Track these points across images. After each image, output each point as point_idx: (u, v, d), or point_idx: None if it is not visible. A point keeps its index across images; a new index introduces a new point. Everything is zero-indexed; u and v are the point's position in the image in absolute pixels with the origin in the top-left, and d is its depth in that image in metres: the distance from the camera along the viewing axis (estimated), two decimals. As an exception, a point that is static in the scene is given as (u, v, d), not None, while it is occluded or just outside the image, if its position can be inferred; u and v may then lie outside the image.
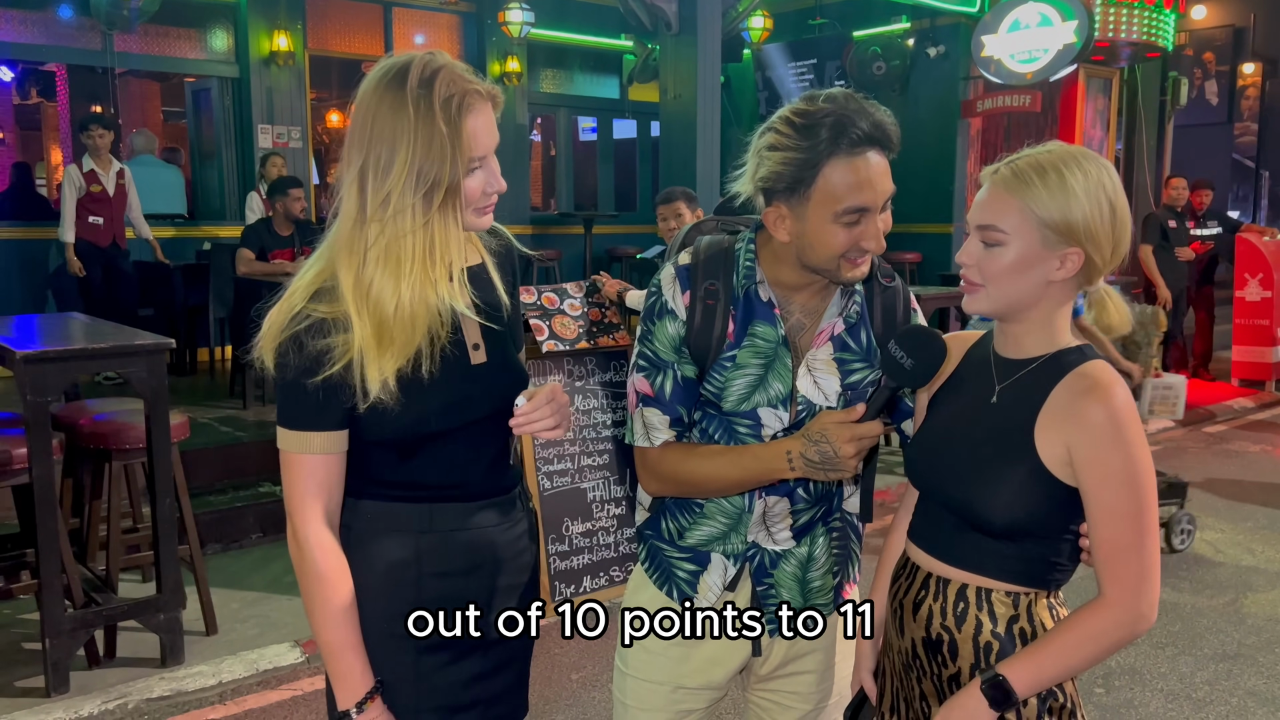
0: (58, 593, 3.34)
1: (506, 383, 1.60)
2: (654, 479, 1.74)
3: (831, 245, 1.59)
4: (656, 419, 1.71)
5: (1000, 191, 1.48)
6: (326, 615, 1.50)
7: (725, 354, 1.69)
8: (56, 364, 3.27)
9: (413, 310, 1.46)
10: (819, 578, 1.80)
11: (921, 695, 1.61)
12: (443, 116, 1.42)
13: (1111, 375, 1.48)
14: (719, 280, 1.70)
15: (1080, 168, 1.47)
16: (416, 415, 1.50)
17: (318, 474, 1.50)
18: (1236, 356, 9.13)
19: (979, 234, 1.49)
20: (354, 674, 1.51)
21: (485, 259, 1.62)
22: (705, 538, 1.77)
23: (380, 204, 1.43)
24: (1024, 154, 1.50)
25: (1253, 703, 3.51)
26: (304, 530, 1.49)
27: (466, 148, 1.44)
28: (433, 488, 1.57)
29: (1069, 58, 8.42)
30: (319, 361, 1.45)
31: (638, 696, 1.85)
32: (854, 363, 1.72)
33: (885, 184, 1.59)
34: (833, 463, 1.54)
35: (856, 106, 1.57)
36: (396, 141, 1.42)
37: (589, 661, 3.76)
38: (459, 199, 1.46)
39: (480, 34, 10.10)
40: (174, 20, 8.42)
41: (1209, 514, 5.60)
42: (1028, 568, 1.52)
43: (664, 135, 7.70)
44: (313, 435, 1.49)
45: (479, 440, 1.59)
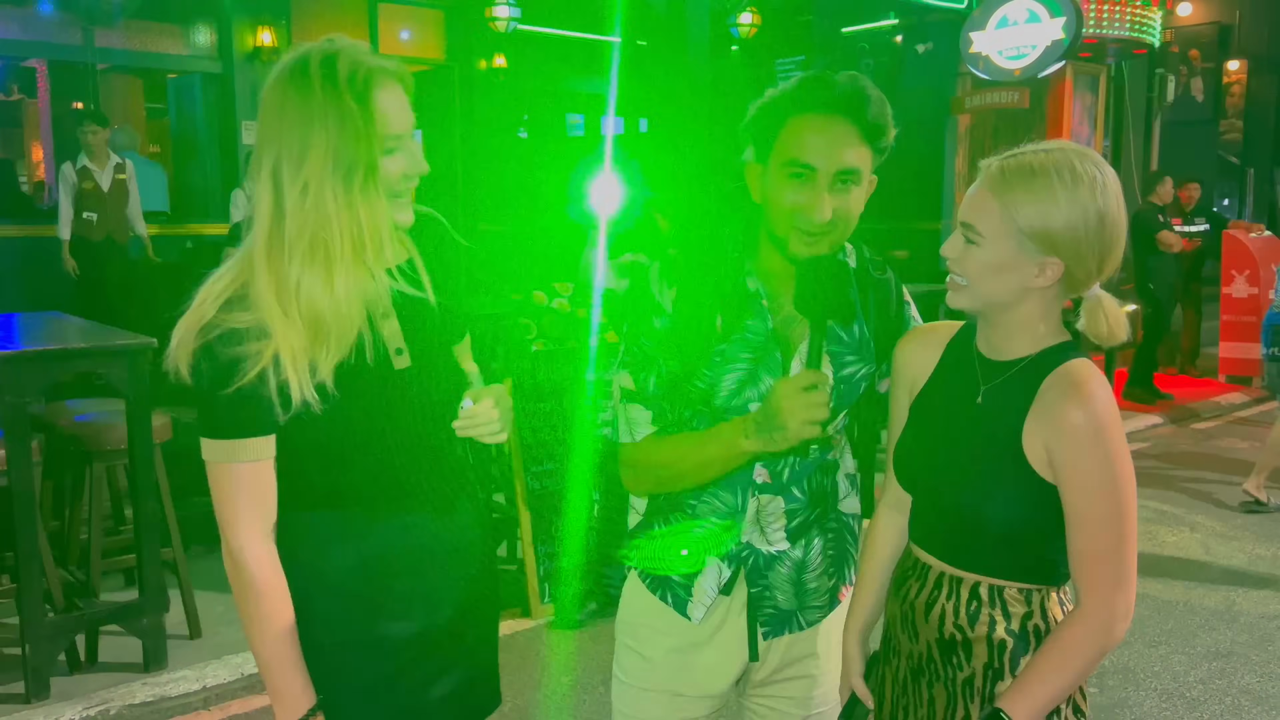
0: (38, 597, 3.28)
1: (435, 384, 1.56)
2: (633, 472, 1.72)
3: (779, 202, 1.57)
4: (639, 414, 1.69)
5: (984, 190, 1.44)
6: (265, 632, 1.46)
7: (715, 348, 1.66)
8: (35, 364, 3.21)
9: (348, 302, 1.41)
10: (814, 580, 1.76)
11: (930, 701, 1.58)
12: (350, 94, 1.37)
13: (1091, 374, 1.44)
14: (707, 274, 1.68)
15: (1073, 175, 1.41)
16: (341, 424, 1.46)
17: (248, 483, 1.45)
18: (1224, 353, 9.15)
19: (962, 230, 1.46)
20: (294, 690, 1.48)
21: (414, 255, 1.56)
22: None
23: (299, 194, 1.38)
24: (1022, 152, 1.46)
25: (1246, 701, 3.49)
26: (237, 543, 1.45)
27: (380, 124, 1.39)
28: (363, 489, 1.53)
29: (1057, 54, 8.41)
30: (233, 370, 1.39)
31: (637, 705, 1.82)
32: (846, 355, 1.69)
33: (842, 154, 1.54)
34: (775, 419, 1.49)
35: (845, 78, 1.56)
36: (308, 128, 1.36)
37: (579, 665, 3.73)
38: (378, 179, 1.40)
39: (466, 29, 10.04)
40: (156, 15, 8.33)
41: (1199, 511, 5.60)
42: (1033, 565, 1.50)
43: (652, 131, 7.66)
44: (239, 443, 1.43)
45: (409, 444, 1.55)
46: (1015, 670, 1.49)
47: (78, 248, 6.94)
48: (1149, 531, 5.23)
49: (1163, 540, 5.12)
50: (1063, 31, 8.32)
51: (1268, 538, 5.16)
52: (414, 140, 1.47)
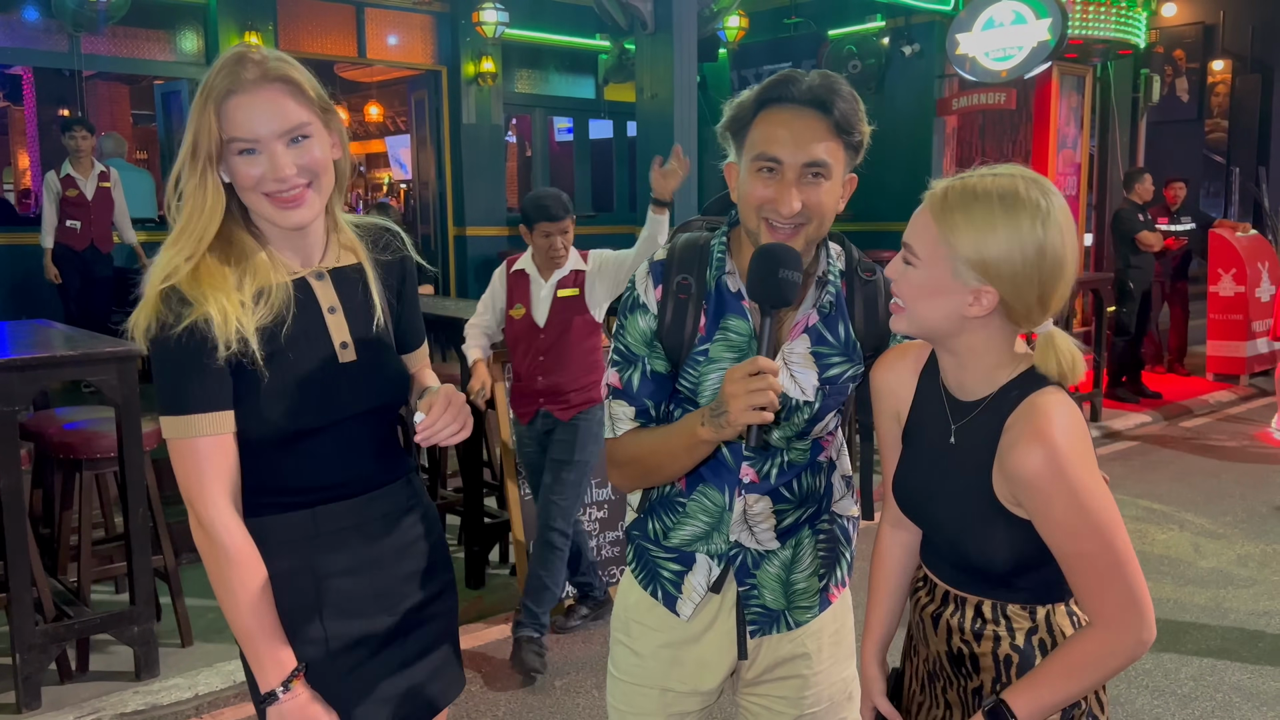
0: (28, 606, 3.26)
1: (380, 381, 1.62)
2: (615, 467, 1.74)
3: (748, 196, 1.59)
4: (621, 410, 1.71)
5: (925, 212, 1.42)
6: (242, 599, 1.49)
7: (698, 348, 1.68)
8: (23, 372, 3.20)
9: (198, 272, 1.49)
10: (803, 580, 1.78)
11: (946, 705, 1.59)
12: (210, 99, 1.46)
13: (1044, 409, 1.38)
14: (692, 274, 1.69)
15: (1015, 203, 1.35)
16: (283, 410, 1.51)
17: (213, 457, 1.48)
18: (1211, 351, 9.20)
19: (904, 250, 1.45)
20: (276, 654, 1.51)
21: (365, 263, 1.63)
22: (689, 537, 1.76)
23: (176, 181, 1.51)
24: (969, 175, 1.42)
25: (1237, 698, 3.51)
26: (208, 514, 1.48)
27: (227, 127, 1.46)
28: (315, 489, 1.57)
29: (1043, 55, 8.44)
30: (179, 315, 1.46)
31: (629, 700, 1.84)
32: (832, 356, 1.70)
33: (809, 147, 1.55)
34: (721, 404, 1.49)
35: (816, 76, 1.57)
36: (190, 121, 1.49)
37: (572, 668, 3.72)
38: (216, 167, 1.48)
39: (454, 34, 10.03)
40: (142, 21, 8.30)
41: (1188, 509, 5.62)
42: (1038, 588, 1.49)
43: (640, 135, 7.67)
44: (199, 417, 1.47)
45: (356, 436, 1.60)
46: None
47: (61, 256, 6.91)
48: (1138, 530, 5.25)
49: (1152, 538, 5.14)
50: (1048, 32, 8.36)
51: (1257, 535, 5.19)
52: (292, 148, 1.49)
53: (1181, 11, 13.70)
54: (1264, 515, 5.50)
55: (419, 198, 10.93)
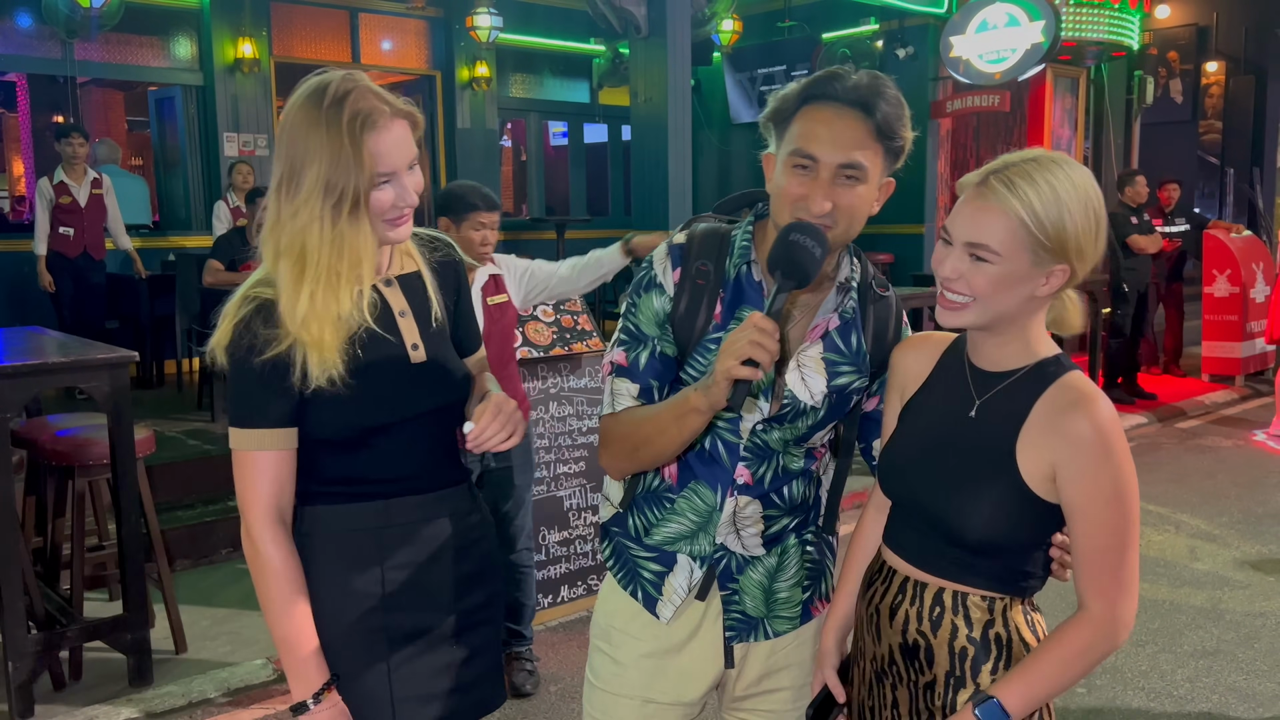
0: (20, 614, 3.25)
1: (448, 382, 1.68)
2: (605, 445, 1.69)
3: (782, 190, 1.57)
4: (624, 387, 1.67)
5: (992, 206, 1.41)
6: (283, 609, 1.56)
7: (710, 336, 1.64)
8: (15, 379, 3.19)
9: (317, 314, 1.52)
10: (786, 589, 1.75)
11: (894, 703, 1.59)
12: (348, 134, 1.50)
13: (1094, 387, 1.46)
14: (711, 261, 1.67)
15: (1070, 180, 1.42)
16: (360, 409, 1.57)
17: (271, 471, 1.55)
18: (1206, 352, 9.21)
19: (967, 250, 1.43)
20: (310, 666, 1.56)
21: (421, 269, 1.70)
22: (673, 535, 1.71)
23: (291, 215, 1.52)
24: (1010, 163, 1.43)
25: (1233, 699, 3.50)
26: (258, 527, 1.55)
27: (369, 163, 1.50)
28: (385, 481, 1.63)
29: (1036, 57, 8.47)
30: (267, 342, 1.52)
31: (608, 711, 1.79)
32: (842, 365, 1.68)
33: (846, 148, 1.53)
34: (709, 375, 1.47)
35: (863, 75, 1.56)
36: (308, 155, 1.51)
37: (567, 673, 3.71)
38: (364, 210, 1.53)
39: (448, 39, 10.04)
40: (136, 28, 8.29)
41: (1184, 510, 5.62)
42: (1003, 575, 1.51)
43: (635, 139, 7.67)
44: (264, 432, 1.55)
45: (425, 434, 1.65)
46: (976, 678, 1.49)
47: (55, 262, 6.89)
48: (1135, 531, 5.25)
49: (1148, 539, 5.14)
50: (1042, 35, 8.38)
51: (1253, 536, 5.19)
52: (410, 173, 1.58)
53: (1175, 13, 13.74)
54: (1260, 517, 5.50)
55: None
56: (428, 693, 1.65)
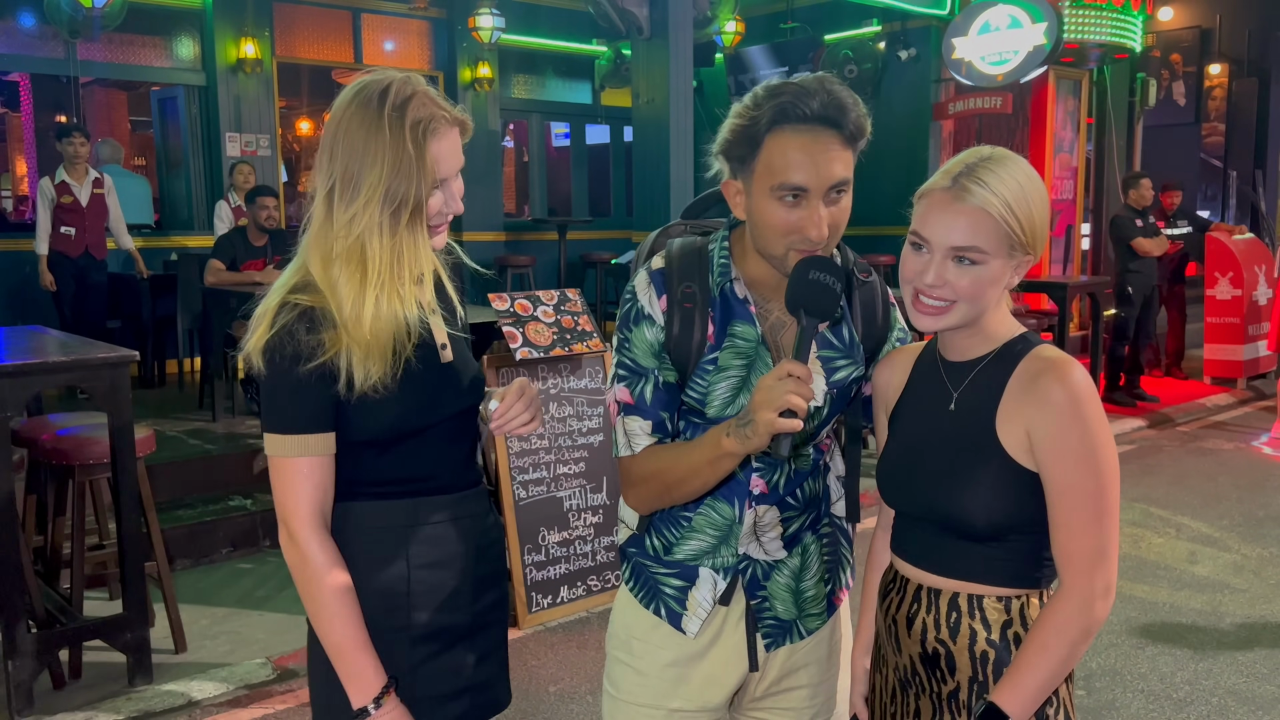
0: (20, 613, 3.26)
1: (471, 381, 1.68)
2: (632, 486, 1.68)
3: (771, 225, 1.53)
4: (638, 426, 1.65)
5: (973, 208, 1.42)
6: (334, 617, 1.52)
7: (707, 357, 1.63)
8: (16, 378, 3.19)
9: (377, 321, 1.51)
10: (811, 587, 1.75)
11: (916, 712, 1.58)
12: (411, 140, 1.48)
13: (1065, 355, 1.47)
14: (695, 282, 1.64)
15: (1023, 172, 1.46)
16: (399, 411, 1.55)
17: (315, 477, 1.53)
18: (1208, 355, 9.20)
19: (951, 254, 1.44)
20: (368, 670, 1.53)
21: (439, 269, 1.68)
22: (694, 552, 1.70)
23: (348, 221, 1.49)
24: (971, 164, 1.45)
25: (1233, 701, 3.50)
26: (303, 534, 1.52)
27: (430, 170, 1.50)
28: (415, 481, 1.61)
29: (1039, 59, 8.46)
30: (312, 351, 1.49)
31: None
32: (838, 359, 1.68)
33: (831, 168, 1.50)
34: (749, 414, 1.44)
35: (818, 86, 1.51)
36: (367, 160, 1.48)
37: (567, 674, 3.71)
38: (424, 216, 1.52)
39: (451, 40, 10.05)
40: (139, 28, 8.31)
41: (1185, 513, 5.62)
42: (1017, 568, 1.50)
43: (637, 140, 7.66)
44: (308, 438, 1.52)
45: (452, 435, 1.65)
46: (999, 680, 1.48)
47: (56, 262, 6.90)
48: (1134, 534, 5.25)
49: (1149, 542, 5.13)
50: (1044, 37, 8.37)
51: (1253, 539, 5.18)
52: (457, 180, 1.58)
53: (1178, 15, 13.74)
54: (1260, 519, 5.50)
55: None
56: (446, 692, 1.65)
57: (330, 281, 1.52)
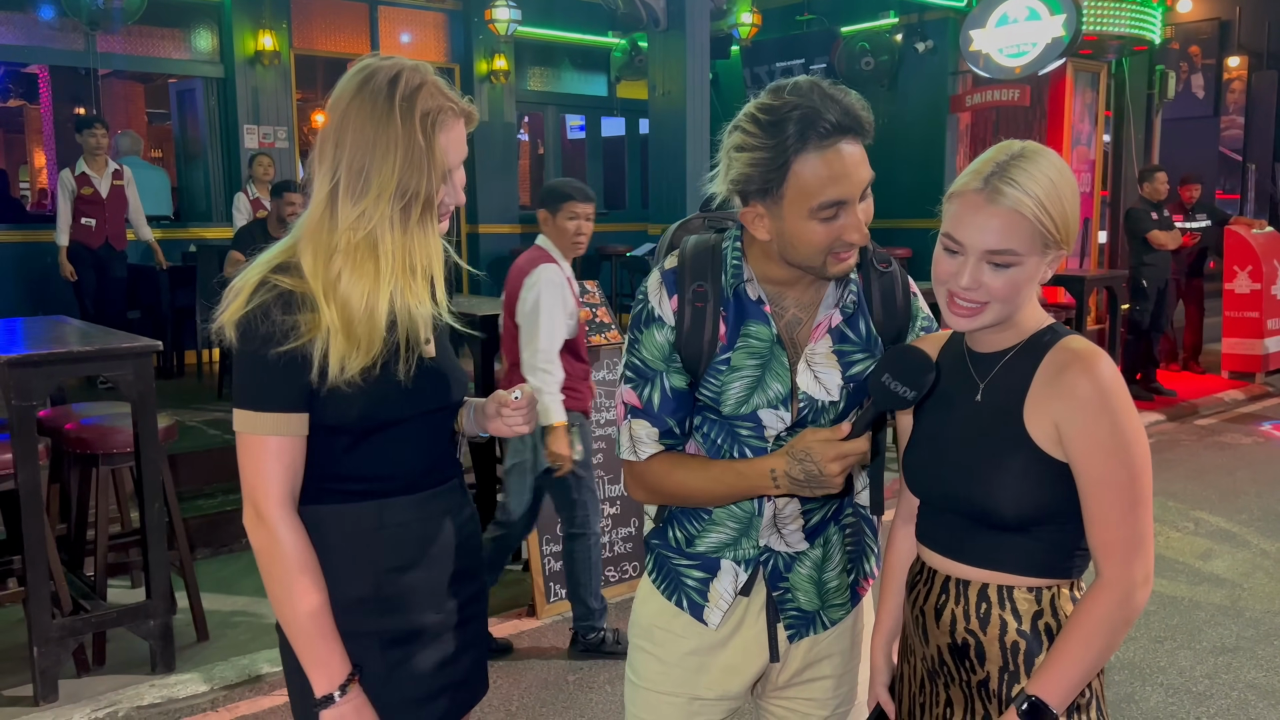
0: (45, 600, 3.29)
1: (454, 377, 1.66)
2: (640, 490, 1.71)
3: (812, 242, 1.54)
4: (644, 432, 1.67)
5: (1006, 210, 1.41)
6: (300, 601, 1.48)
7: (719, 357, 1.64)
8: (41, 368, 3.22)
9: (384, 313, 1.49)
10: (834, 578, 1.76)
11: (947, 701, 1.58)
12: (421, 132, 1.45)
13: (1093, 346, 1.47)
14: (707, 281, 1.64)
15: (1054, 166, 1.45)
16: (374, 400, 1.51)
17: (283, 457, 1.48)
18: (1226, 349, 9.15)
19: (986, 257, 1.43)
20: (334, 658, 1.51)
21: None
22: (715, 544, 1.72)
23: (356, 217, 1.46)
24: (1002, 162, 1.43)
25: (1253, 695, 3.49)
26: (273, 514, 1.48)
27: (441, 163, 1.48)
28: (383, 479, 1.57)
29: (1057, 51, 8.41)
30: (286, 333, 1.45)
31: (652, 710, 1.79)
32: (855, 354, 1.68)
33: (861, 172, 1.52)
34: (818, 481, 1.50)
35: (823, 96, 1.50)
36: (376, 151, 1.44)
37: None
38: (434, 211, 1.49)
39: (467, 32, 10.06)
40: (157, 20, 8.34)
41: (1203, 507, 5.60)
42: (1047, 558, 1.49)
43: (653, 132, 7.67)
44: (280, 416, 1.48)
45: (427, 431, 1.61)
46: (1030, 671, 1.48)
47: (76, 253, 6.95)
48: (1155, 525, 5.23)
49: (1167, 536, 5.12)
50: (1063, 29, 8.33)
51: (1272, 534, 5.16)
52: (460, 170, 1.56)
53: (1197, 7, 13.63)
54: (1279, 514, 5.48)
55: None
56: (423, 693, 1.62)
57: (329, 277, 1.47)
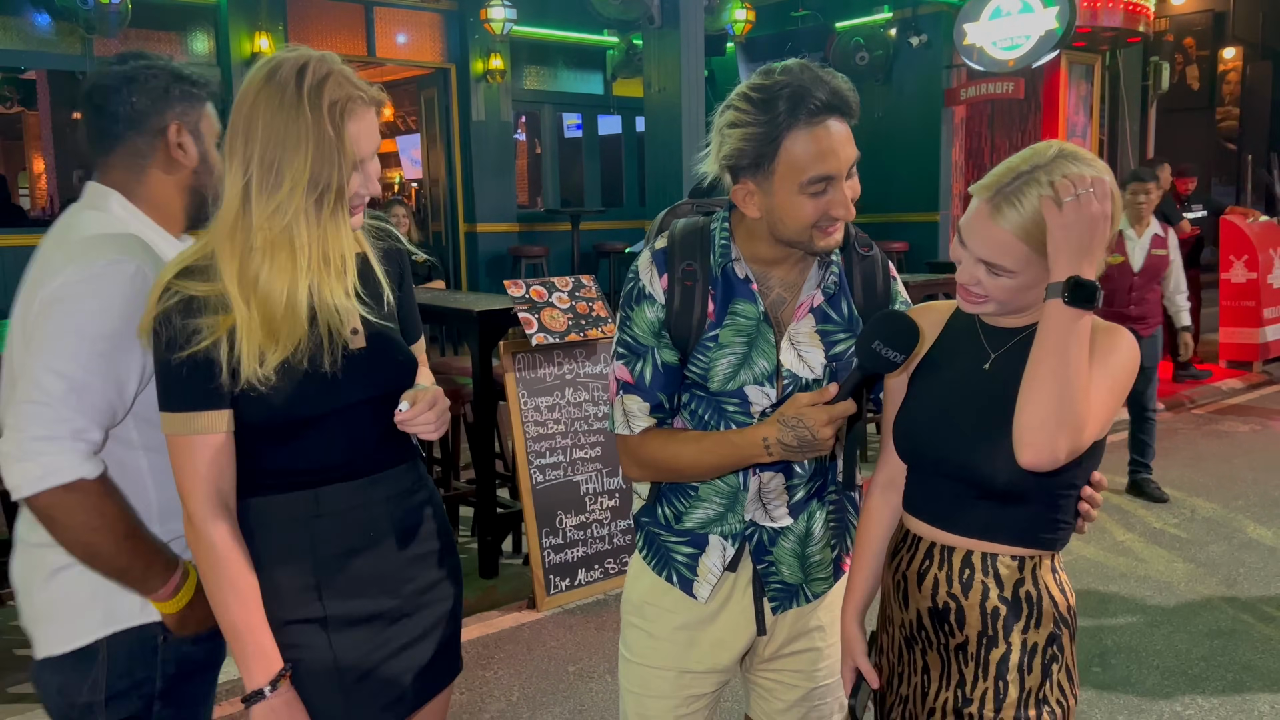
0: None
1: (388, 368, 1.62)
2: (635, 465, 1.75)
3: (801, 217, 1.59)
4: (636, 406, 1.71)
5: (1002, 229, 1.43)
6: (234, 596, 1.50)
7: (707, 335, 1.68)
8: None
9: (304, 306, 1.48)
10: (818, 552, 1.80)
11: (925, 668, 1.61)
12: (330, 122, 1.44)
13: (1111, 325, 1.49)
14: (696, 261, 1.70)
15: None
16: (290, 399, 1.50)
17: (207, 455, 1.49)
18: (1223, 338, 9.18)
19: (985, 265, 1.46)
20: (265, 652, 1.52)
21: (367, 252, 1.64)
22: (702, 520, 1.77)
23: (272, 211, 1.45)
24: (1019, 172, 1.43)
25: (1248, 676, 3.52)
26: (199, 514, 1.49)
27: (350, 152, 1.46)
28: (315, 471, 1.57)
29: (1051, 44, 8.45)
30: (188, 337, 1.45)
31: (644, 683, 1.84)
32: (837, 334, 1.72)
33: (848, 150, 1.58)
34: (810, 445, 1.54)
35: (812, 76, 1.55)
36: (287, 143, 1.43)
37: (585, 654, 3.76)
38: (346, 201, 1.49)
39: (463, 32, 10.09)
40: (154, 23, 8.38)
41: (1200, 494, 5.62)
42: (1031, 529, 1.53)
43: (649, 129, 7.70)
44: (196, 416, 1.48)
45: (359, 422, 1.59)
46: (1009, 637, 1.52)
47: None
48: (1149, 515, 5.26)
49: (1164, 522, 5.15)
50: (1056, 21, 8.36)
51: (1269, 519, 5.19)
52: (374, 160, 1.54)
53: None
54: (1276, 500, 5.49)
55: (430, 196, 10.99)
56: (381, 676, 1.62)
57: (248, 275, 1.46)
